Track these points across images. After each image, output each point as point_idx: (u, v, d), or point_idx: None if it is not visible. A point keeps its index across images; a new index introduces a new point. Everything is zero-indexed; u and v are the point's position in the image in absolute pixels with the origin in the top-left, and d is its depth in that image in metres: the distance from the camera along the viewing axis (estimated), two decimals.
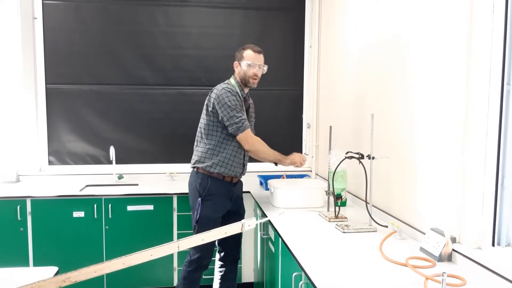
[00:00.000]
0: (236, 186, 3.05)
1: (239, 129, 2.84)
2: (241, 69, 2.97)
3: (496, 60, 1.78)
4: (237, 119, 2.83)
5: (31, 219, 3.52)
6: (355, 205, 3.11)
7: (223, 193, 2.96)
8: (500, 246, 1.82)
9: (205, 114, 2.95)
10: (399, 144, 2.52)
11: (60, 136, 4.12)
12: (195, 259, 2.93)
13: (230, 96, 2.84)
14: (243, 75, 2.97)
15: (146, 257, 1.45)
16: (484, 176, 1.83)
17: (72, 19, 4.05)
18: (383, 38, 2.73)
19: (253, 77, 2.96)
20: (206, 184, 2.91)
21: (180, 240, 1.50)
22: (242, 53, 2.98)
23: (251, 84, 2.98)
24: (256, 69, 2.96)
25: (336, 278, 1.79)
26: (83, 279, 1.39)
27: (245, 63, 2.95)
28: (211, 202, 2.91)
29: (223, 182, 2.94)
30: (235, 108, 2.83)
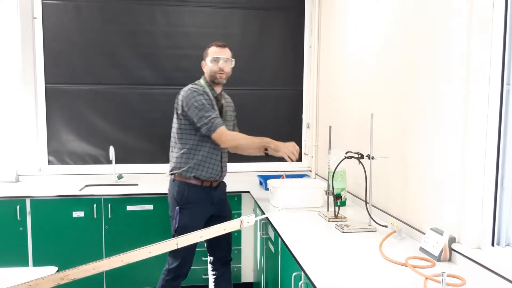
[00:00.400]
0: (217, 189, 2.96)
1: (210, 129, 2.73)
2: (207, 67, 2.88)
3: (495, 60, 1.78)
4: (206, 119, 2.72)
5: (30, 219, 3.52)
6: (354, 205, 3.11)
7: (203, 198, 2.87)
8: (500, 246, 1.82)
9: (176, 118, 2.87)
10: (398, 144, 2.52)
11: (60, 136, 4.12)
12: (173, 268, 2.83)
13: (197, 96, 2.76)
14: (209, 72, 2.87)
15: (145, 255, 1.44)
16: (484, 176, 1.83)
17: (71, 19, 4.05)
18: (383, 38, 2.73)
19: (219, 72, 2.85)
20: (184, 191, 2.83)
21: (178, 237, 1.50)
22: (207, 50, 2.91)
23: (218, 79, 2.87)
24: (221, 62, 2.85)
25: (336, 278, 1.79)
26: (81, 276, 1.38)
27: (209, 59, 2.86)
28: (189, 211, 2.82)
29: (201, 187, 2.86)
30: (203, 108, 2.73)
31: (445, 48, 2.05)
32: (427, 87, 2.22)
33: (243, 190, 3.75)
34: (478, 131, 1.82)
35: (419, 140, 2.29)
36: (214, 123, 2.73)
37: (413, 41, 2.37)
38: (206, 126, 2.72)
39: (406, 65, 2.45)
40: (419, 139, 2.30)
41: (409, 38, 2.41)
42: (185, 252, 2.75)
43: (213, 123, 2.72)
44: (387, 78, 2.68)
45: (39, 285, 1.34)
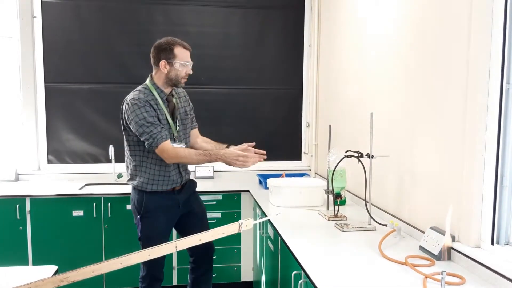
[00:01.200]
0: (182, 191, 2.78)
1: (151, 145, 2.54)
2: (172, 69, 2.63)
3: (495, 59, 1.78)
4: (147, 135, 2.52)
5: (30, 218, 3.52)
6: (354, 204, 3.11)
7: (166, 205, 2.70)
8: (499, 244, 1.82)
9: (123, 129, 2.67)
10: (398, 142, 2.52)
11: (59, 135, 4.12)
12: (145, 274, 2.75)
13: (137, 110, 2.53)
14: (174, 76, 2.64)
15: (144, 257, 1.44)
16: (484, 174, 1.83)
17: (71, 17, 4.05)
18: (383, 36, 2.73)
19: (185, 78, 2.67)
20: (142, 200, 2.67)
21: (178, 240, 1.50)
22: (173, 50, 2.63)
23: (182, 84, 2.69)
24: (189, 68, 2.68)
25: (335, 277, 1.79)
26: (80, 279, 1.39)
27: (178, 64, 2.62)
28: (150, 219, 2.67)
29: (162, 194, 2.69)
30: (143, 123, 2.52)
31: (445, 46, 2.05)
32: (426, 86, 2.22)
33: (242, 189, 3.75)
34: (477, 129, 1.82)
35: (419, 139, 2.29)
36: (156, 138, 2.52)
37: (414, 40, 2.37)
38: (147, 142, 2.54)
39: (406, 64, 2.45)
40: (418, 138, 2.30)
41: (410, 37, 2.41)
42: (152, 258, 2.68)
43: (154, 139, 2.52)
44: (387, 77, 2.68)
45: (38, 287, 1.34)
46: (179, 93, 2.85)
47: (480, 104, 1.81)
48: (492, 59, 1.78)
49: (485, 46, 1.79)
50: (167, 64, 2.63)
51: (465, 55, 1.88)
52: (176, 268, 3.69)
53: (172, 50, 2.64)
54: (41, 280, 1.35)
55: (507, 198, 1.81)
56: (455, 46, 1.96)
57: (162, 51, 2.65)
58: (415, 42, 2.34)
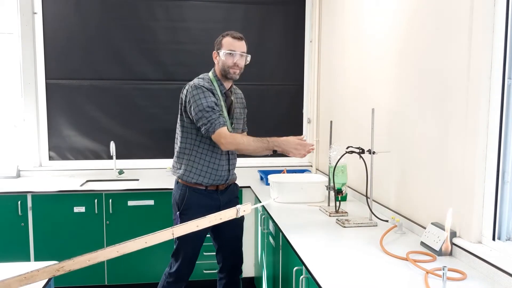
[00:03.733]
0: (225, 193, 2.72)
1: (208, 130, 2.48)
2: (220, 59, 2.62)
3: (497, 54, 1.77)
4: (206, 119, 2.48)
5: (32, 214, 3.53)
6: (355, 200, 3.11)
7: (206, 204, 2.62)
8: (501, 240, 1.82)
9: (179, 113, 2.65)
10: (399, 138, 2.52)
11: (61, 131, 4.12)
12: (174, 271, 2.71)
13: (200, 94, 2.51)
14: (222, 66, 2.61)
15: (140, 245, 1.41)
16: (485, 170, 1.82)
17: (72, 14, 4.04)
18: (383, 32, 2.73)
19: (233, 67, 2.59)
20: (184, 196, 2.63)
21: (174, 227, 1.48)
22: (221, 40, 2.63)
23: (231, 75, 2.60)
24: (237, 58, 2.59)
25: (337, 273, 1.80)
26: (77, 267, 1.35)
27: (223, 52, 2.59)
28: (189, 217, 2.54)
29: (206, 192, 2.64)
30: (203, 108, 2.48)
31: (446, 42, 2.04)
32: (428, 82, 2.21)
33: (244, 185, 3.74)
34: (479, 125, 1.82)
35: (420, 134, 2.29)
36: (214, 123, 2.47)
37: (416, 35, 2.36)
38: (204, 126, 2.49)
39: (407, 59, 2.45)
40: (420, 133, 2.30)
41: (412, 32, 2.40)
42: (187, 256, 2.67)
43: (212, 124, 2.47)
44: (388, 73, 2.68)
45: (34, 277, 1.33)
46: (237, 94, 2.84)
47: (482, 99, 1.80)
48: (494, 54, 1.78)
49: (487, 41, 1.78)
50: (217, 55, 2.66)
51: (466, 50, 1.87)
52: None
53: (221, 41, 2.65)
54: (37, 270, 1.34)
55: (509, 194, 1.81)
56: (457, 41, 1.96)
57: (215, 44, 2.69)
58: (417, 37, 2.33)
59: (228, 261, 2.87)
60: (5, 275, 1.85)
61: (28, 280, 1.32)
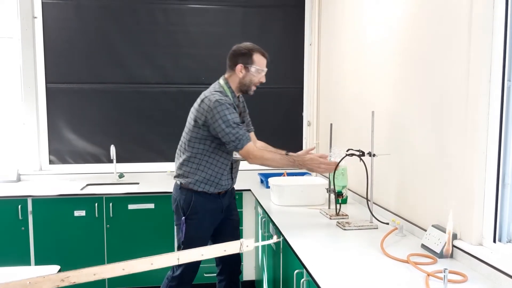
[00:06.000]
0: (225, 196, 2.75)
1: (236, 146, 2.51)
2: (248, 74, 2.61)
3: (496, 56, 1.78)
4: (233, 136, 2.49)
5: (32, 218, 3.52)
6: (356, 203, 3.11)
7: (211, 208, 2.68)
8: (501, 242, 1.82)
9: (193, 125, 2.61)
10: (399, 141, 2.52)
11: (61, 135, 4.13)
12: (177, 275, 2.71)
13: (225, 111, 2.49)
14: (248, 81, 2.62)
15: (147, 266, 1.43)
16: (485, 172, 1.83)
17: (72, 18, 4.05)
18: (383, 35, 2.73)
19: (257, 84, 2.66)
20: (190, 201, 2.64)
21: (180, 252, 1.50)
22: (252, 56, 2.60)
23: (252, 91, 2.67)
24: (263, 75, 2.66)
25: (338, 275, 1.79)
26: (82, 281, 1.34)
27: (255, 69, 2.60)
28: (196, 221, 2.65)
29: (210, 196, 2.67)
30: (230, 124, 2.48)
31: (446, 44, 2.05)
32: (428, 85, 2.22)
33: (244, 188, 3.75)
34: (479, 127, 1.82)
35: (420, 137, 2.29)
36: (242, 139, 2.50)
37: (415, 38, 2.36)
38: (233, 144, 2.50)
39: (407, 62, 2.45)
40: (420, 136, 2.30)
41: (411, 35, 2.41)
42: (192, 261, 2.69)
43: (239, 140, 2.49)
44: (388, 75, 2.68)
45: (38, 283, 1.32)
46: (240, 98, 2.83)
47: (482, 102, 1.80)
48: (493, 56, 1.78)
49: (486, 44, 1.79)
50: (243, 68, 2.61)
51: (466, 52, 1.88)
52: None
53: (251, 56, 2.61)
54: (42, 276, 1.33)
55: (509, 196, 1.81)
56: (456, 43, 1.96)
57: (241, 55, 2.63)
58: (416, 40, 2.34)
59: (228, 262, 2.88)
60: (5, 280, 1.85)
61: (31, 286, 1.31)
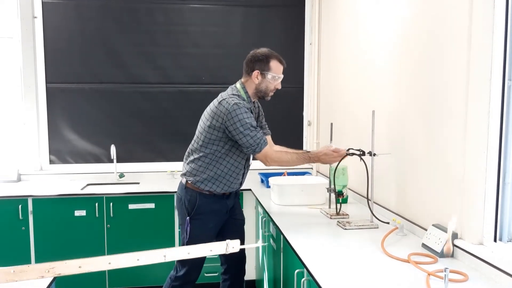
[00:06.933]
0: (230, 197, 2.75)
1: (255, 150, 2.53)
2: (264, 81, 2.61)
3: (497, 56, 1.78)
4: (251, 139, 2.50)
5: (32, 218, 3.52)
6: (356, 202, 3.11)
7: (216, 209, 2.69)
8: (502, 241, 1.82)
9: (208, 126, 2.59)
10: (400, 140, 2.52)
11: (61, 135, 4.13)
12: (181, 275, 2.71)
13: (244, 114, 2.50)
14: (264, 88, 2.63)
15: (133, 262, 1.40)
16: (486, 172, 1.82)
17: (72, 18, 4.05)
18: (383, 34, 2.73)
19: (273, 91, 2.67)
20: (195, 201, 2.64)
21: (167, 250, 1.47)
22: (269, 62, 2.60)
23: (268, 97, 2.68)
24: (279, 82, 2.66)
25: (338, 275, 1.79)
26: (67, 273, 1.31)
27: (272, 76, 2.60)
28: (201, 222, 2.64)
29: (215, 197, 2.67)
30: (248, 127, 2.49)
31: (446, 44, 2.05)
32: (428, 83, 2.22)
33: (244, 188, 3.73)
34: (479, 126, 1.82)
35: (421, 136, 2.29)
36: (260, 143, 2.52)
37: (414, 37, 2.36)
38: (251, 148, 2.52)
39: (407, 61, 2.45)
40: (420, 135, 2.30)
41: (412, 34, 2.41)
42: (196, 260, 2.65)
43: (258, 144, 2.52)
44: (388, 75, 2.68)
45: (23, 272, 1.30)
46: (255, 103, 2.83)
47: (482, 101, 1.80)
48: (493, 56, 1.78)
49: (486, 43, 1.79)
50: (259, 75, 2.61)
51: (466, 51, 1.88)
52: None
53: (268, 62, 2.61)
54: (27, 265, 1.32)
55: (510, 195, 1.81)
56: (456, 43, 1.96)
57: (258, 61, 2.62)
58: (416, 39, 2.34)
59: (233, 262, 2.88)
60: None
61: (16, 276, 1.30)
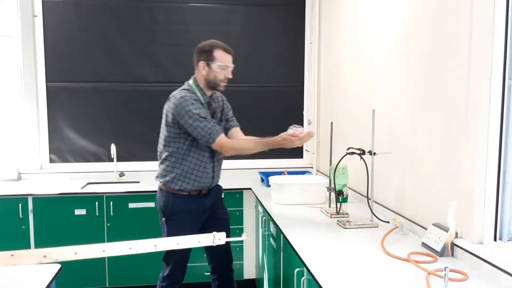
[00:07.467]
0: (208, 195, 2.73)
1: (208, 141, 2.53)
2: (211, 71, 2.61)
3: (497, 55, 1.77)
4: (202, 130, 2.50)
5: (32, 217, 3.53)
6: (356, 201, 3.11)
7: (192, 209, 2.66)
8: (502, 240, 1.82)
9: (165, 125, 2.66)
10: (400, 139, 2.52)
11: (61, 134, 4.13)
12: (166, 275, 2.73)
13: (190, 106, 2.52)
14: (212, 78, 2.62)
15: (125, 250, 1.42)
16: (486, 171, 1.82)
17: (72, 16, 4.05)
18: (383, 33, 2.73)
19: (224, 81, 2.64)
20: (169, 202, 2.65)
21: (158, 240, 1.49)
22: (212, 52, 2.60)
23: (221, 87, 2.66)
24: (228, 71, 2.64)
25: (338, 274, 1.79)
26: (64, 259, 1.36)
27: (216, 65, 2.59)
28: (176, 222, 2.63)
29: (189, 197, 2.65)
30: (197, 118, 2.51)
31: (447, 42, 2.05)
32: (428, 82, 2.21)
33: (244, 187, 3.75)
34: (480, 126, 1.82)
35: (421, 135, 2.29)
36: (212, 133, 2.52)
37: (414, 36, 2.36)
38: (204, 138, 2.53)
39: (407, 60, 2.45)
40: (420, 134, 2.30)
41: (412, 33, 2.41)
42: (175, 260, 2.70)
43: (209, 134, 2.52)
44: (388, 74, 2.68)
45: (22, 257, 1.35)
46: (217, 98, 2.81)
47: (482, 100, 1.80)
48: (494, 55, 1.78)
49: (487, 42, 1.78)
50: (206, 65, 2.62)
51: (466, 50, 1.88)
52: None
53: (212, 52, 2.62)
54: (26, 250, 1.35)
55: (510, 194, 1.81)
56: (457, 42, 1.96)
57: (202, 52, 2.64)
58: (416, 38, 2.33)
59: (217, 261, 2.87)
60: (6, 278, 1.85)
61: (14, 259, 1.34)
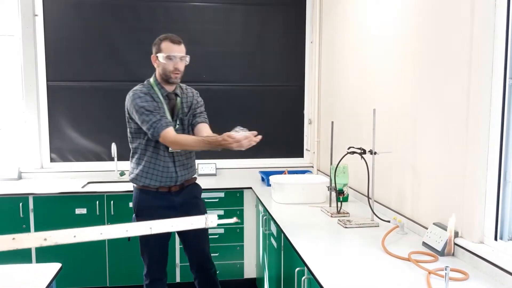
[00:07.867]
0: (180, 194, 2.68)
1: (153, 134, 2.51)
2: (160, 63, 2.60)
3: (498, 54, 1.77)
4: (147, 124, 2.50)
5: (33, 216, 3.53)
6: (357, 201, 3.11)
7: (159, 206, 2.62)
8: (503, 240, 1.82)
9: (127, 121, 2.67)
10: (401, 139, 2.52)
11: (62, 133, 4.13)
12: (146, 273, 2.73)
13: (137, 99, 2.54)
14: (162, 70, 2.60)
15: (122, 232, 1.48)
16: (487, 170, 1.82)
17: (72, 16, 4.05)
18: (384, 33, 2.73)
19: (174, 72, 2.59)
20: (137, 198, 2.66)
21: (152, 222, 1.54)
22: (160, 44, 2.62)
23: (173, 79, 2.61)
24: (177, 61, 2.60)
25: (339, 273, 1.79)
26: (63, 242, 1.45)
27: (163, 56, 2.58)
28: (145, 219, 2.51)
29: (157, 193, 2.64)
30: (143, 112, 2.51)
31: (448, 42, 2.04)
32: (429, 82, 2.21)
33: (245, 186, 3.75)
34: (481, 125, 1.82)
35: (422, 135, 2.29)
36: (156, 127, 2.49)
37: (415, 36, 2.36)
38: (149, 132, 2.51)
39: (408, 60, 2.45)
40: (421, 134, 2.29)
41: (413, 32, 2.41)
42: (150, 256, 2.69)
43: (154, 128, 2.49)
44: (389, 73, 2.68)
45: (23, 240, 1.40)
46: (187, 93, 2.79)
47: (483, 99, 1.80)
48: (495, 54, 1.78)
49: (488, 41, 1.78)
50: (156, 59, 2.63)
51: (468, 50, 1.87)
52: (179, 265, 3.70)
53: (159, 45, 2.63)
54: (27, 234, 1.38)
55: (511, 194, 1.81)
56: (458, 41, 1.96)
57: (153, 46, 2.67)
58: (417, 38, 2.33)
59: (193, 258, 2.83)
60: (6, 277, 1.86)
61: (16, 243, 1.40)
